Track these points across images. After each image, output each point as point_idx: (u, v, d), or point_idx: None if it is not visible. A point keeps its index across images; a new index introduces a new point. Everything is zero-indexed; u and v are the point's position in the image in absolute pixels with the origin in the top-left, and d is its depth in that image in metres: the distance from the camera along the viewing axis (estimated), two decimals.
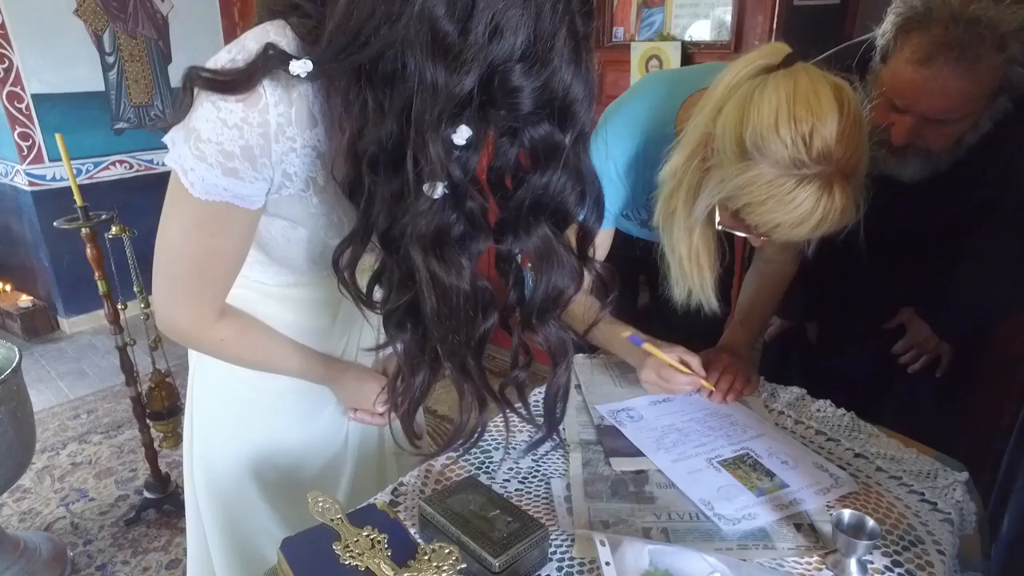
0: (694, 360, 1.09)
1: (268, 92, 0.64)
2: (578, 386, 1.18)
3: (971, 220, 1.30)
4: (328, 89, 0.66)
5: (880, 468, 0.96)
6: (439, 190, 0.59)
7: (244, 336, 0.84)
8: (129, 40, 3.44)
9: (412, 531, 0.80)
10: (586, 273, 0.72)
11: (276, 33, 0.66)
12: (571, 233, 0.70)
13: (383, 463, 1.12)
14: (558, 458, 0.98)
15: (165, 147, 0.69)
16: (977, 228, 1.31)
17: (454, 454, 0.97)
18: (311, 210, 0.75)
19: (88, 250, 1.77)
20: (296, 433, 0.99)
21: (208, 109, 0.64)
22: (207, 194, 0.67)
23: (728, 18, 1.98)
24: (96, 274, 1.78)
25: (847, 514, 0.78)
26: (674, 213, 0.94)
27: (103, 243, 1.81)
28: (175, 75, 3.61)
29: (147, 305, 1.82)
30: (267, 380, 0.92)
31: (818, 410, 1.11)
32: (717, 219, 0.92)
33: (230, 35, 3.73)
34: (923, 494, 0.90)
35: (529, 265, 0.69)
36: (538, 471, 0.96)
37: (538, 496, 0.90)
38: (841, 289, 1.45)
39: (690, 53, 2.02)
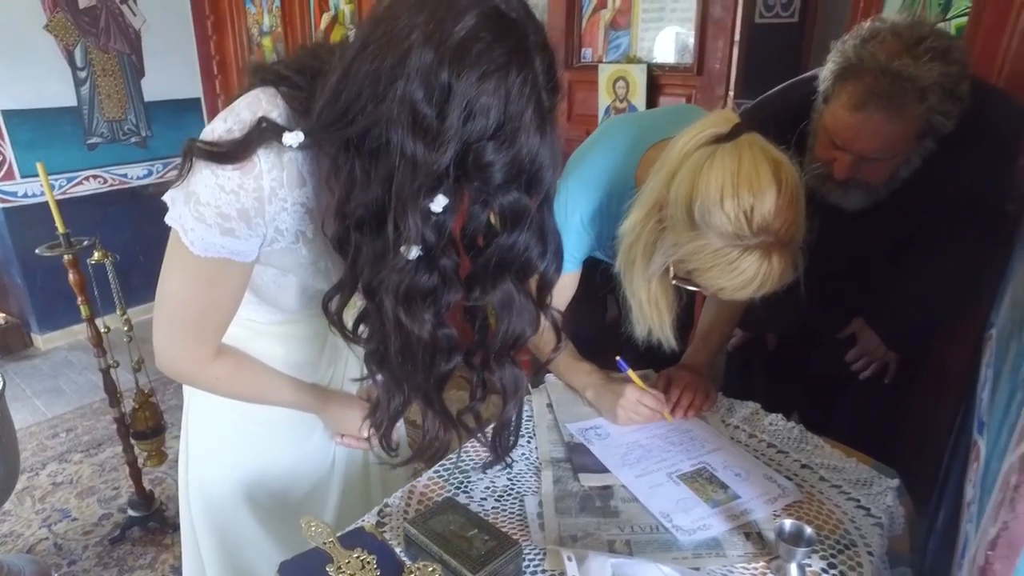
0: (661, 395, 1.19)
1: (262, 160, 0.71)
2: (550, 405, 1.26)
3: (910, 241, 1.41)
4: (317, 153, 0.73)
5: (823, 478, 1.06)
6: (414, 252, 0.67)
7: (239, 373, 0.91)
8: (101, 55, 3.44)
9: (398, 551, 0.88)
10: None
11: (268, 102, 0.73)
12: (532, 281, 0.78)
13: (368, 483, 1.19)
14: (531, 476, 1.06)
15: (138, 161, 0.76)
16: (916, 248, 1.43)
17: (436, 476, 1.05)
18: (300, 260, 0.82)
19: (71, 276, 1.80)
20: (287, 457, 1.06)
21: (207, 175, 0.71)
22: (206, 251, 0.73)
23: (691, 41, 2.07)
24: (79, 299, 1.82)
25: (788, 523, 0.87)
26: (633, 263, 1.02)
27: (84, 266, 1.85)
28: (148, 89, 3.62)
29: (130, 328, 1.86)
30: (259, 409, 0.99)
31: (770, 424, 1.21)
32: (671, 274, 1.01)
33: (204, 48, 3.75)
34: (859, 500, 1.00)
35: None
36: (513, 489, 1.03)
37: (513, 513, 0.98)
38: (797, 302, 1.56)
39: (655, 75, 2.12)
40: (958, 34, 1.68)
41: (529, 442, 1.16)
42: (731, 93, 3.55)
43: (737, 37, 2.27)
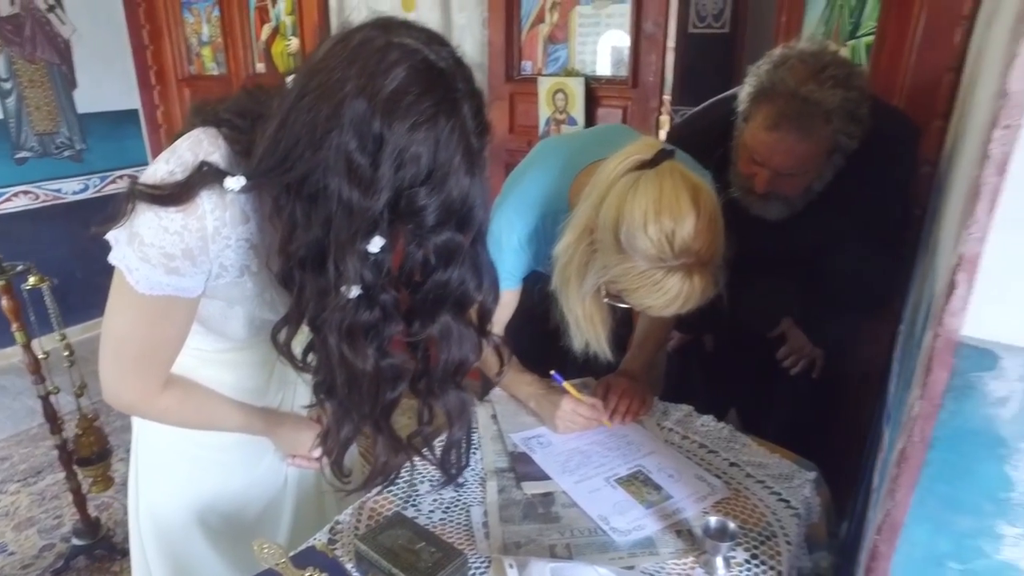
0: (598, 402, 1.25)
1: (205, 200, 0.74)
2: (494, 416, 1.31)
3: (828, 246, 1.52)
4: (260, 192, 0.76)
5: (749, 474, 1.14)
6: (354, 291, 0.71)
7: (187, 403, 0.93)
8: (27, 65, 3.33)
9: (350, 567, 0.91)
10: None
11: (210, 143, 0.76)
12: (474, 310, 0.83)
13: (322, 500, 1.22)
14: (477, 486, 1.11)
15: (73, 176, 0.78)
16: (833, 252, 1.53)
17: (385, 491, 1.08)
18: (246, 292, 0.85)
19: (3, 302, 1.76)
20: (239, 480, 1.08)
21: (150, 217, 0.73)
22: (151, 289, 0.76)
23: (626, 55, 2.15)
24: (13, 325, 1.77)
25: (713, 520, 0.95)
26: (568, 282, 1.08)
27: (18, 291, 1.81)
28: (82, 101, 3.51)
29: (71, 352, 1.83)
30: (210, 435, 1.01)
31: (702, 425, 1.28)
32: (603, 293, 1.07)
33: (140, 59, 3.66)
34: (780, 494, 1.09)
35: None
36: (459, 500, 1.08)
37: (459, 524, 1.03)
38: (732, 304, 1.66)
39: (592, 88, 2.19)
40: (867, 52, 1.81)
41: (475, 453, 1.21)
42: (666, 101, 3.66)
43: (672, 45, 2.37)
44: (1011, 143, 0.55)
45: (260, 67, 3.27)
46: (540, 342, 1.32)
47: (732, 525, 0.94)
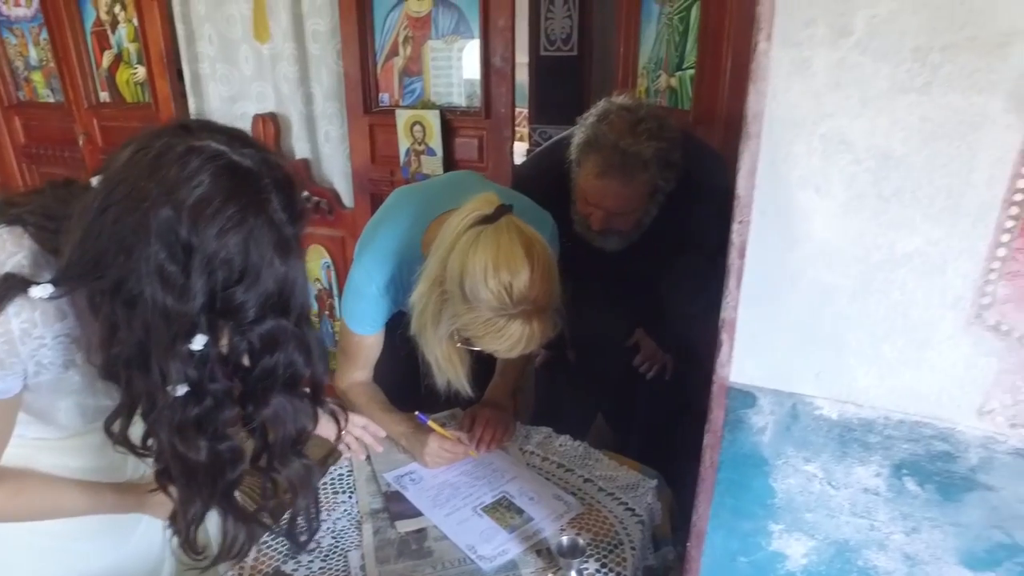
0: (463, 435, 1.35)
1: (9, 305, 0.73)
2: (368, 457, 1.37)
3: (662, 268, 1.71)
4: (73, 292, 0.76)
5: (601, 488, 1.28)
6: (181, 390, 0.74)
7: (19, 496, 0.90)
8: None
9: None
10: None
11: (13, 244, 0.75)
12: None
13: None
14: (353, 531, 1.17)
15: None
16: (671, 272, 1.73)
17: (263, 546, 1.12)
18: (73, 385, 0.85)
19: None
20: (109, 560, 1.05)
21: None
22: None
23: (478, 88, 2.26)
24: None
25: (565, 539, 1.07)
26: (425, 328, 1.17)
27: None
28: None
29: None
30: (63, 523, 0.97)
31: (560, 445, 1.41)
32: (456, 339, 1.16)
33: None
34: (627, 503, 1.23)
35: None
36: (337, 547, 1.14)
37: (338, 570, 1.09)
38: (590, 320, 1.83)
39: (448, 120, 2.28)
40: (692, 83, 2.02)
41: (350, 497, 1.26)
42: (526, 123, 3.82)
43: (526, 61, 2.49)
44: (746, 234, 0.69)
45: (104, 96, 3.08)
46: (406, 380, 1.39)
47: (581, 541, 1.06)
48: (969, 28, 0.56)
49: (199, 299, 0.70)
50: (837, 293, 0.68)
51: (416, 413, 1.36)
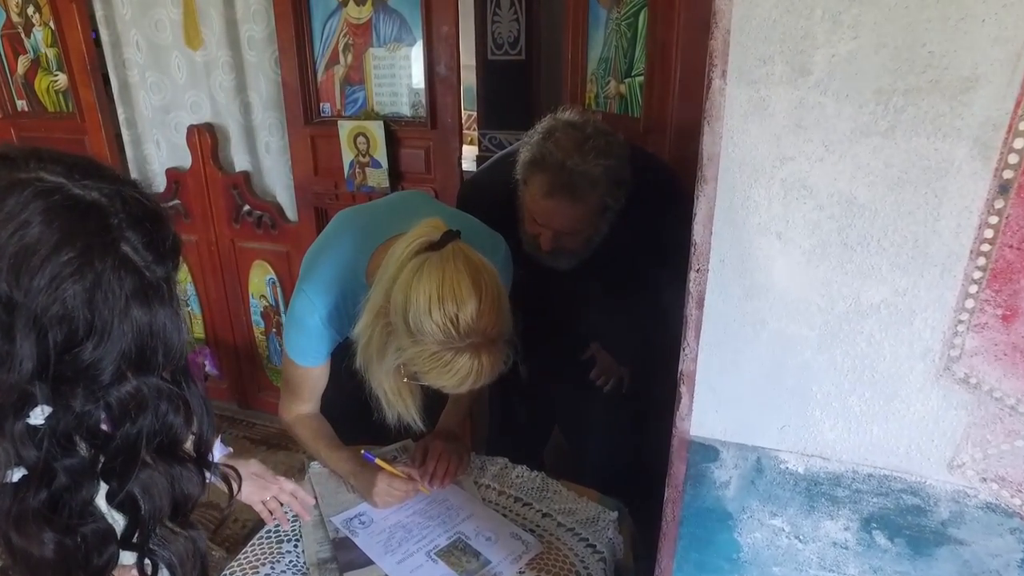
0: (414, 471, 1.27)
1: None
2: (315, 499, 1.29)
3: (615, 283, 1.68)
4: None
5: (560, 523, 1.22)
6: (16, 474, 0.61)
7: None
8: None
9: None
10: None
11: None
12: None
13: None
14: None
15: None
16: (623, 286, 1.69)
17: None
18: None
19: None
20: None
21: None
22: None
23: (423, 98, 2.18)
24: None
25: None
26: (371, 361, 1.09)
27: None
28: None
29: None
30: None
31: (517, 476, 1.36)
32: (402, 373, 1.09)
33: None
34: (588, 539, 1.18)
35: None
36: None
37: None
38: (544, 334, 1.78)
39: (393, 130, 2.19)
40: (641, 90, 1.99)
41: (295, 547, 1.19)
42: (475, 127, 3.74)
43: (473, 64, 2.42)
44: (704, 283, 0.65)
45: (22, 104, 2.89)
46: (354, 411, 1.32)
47: None
48: (931, 71, 0.52)
49: (27, 365, 0.57)
50: (801, 344, 0.64)
51: (362, 451, 1.28)
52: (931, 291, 0.58)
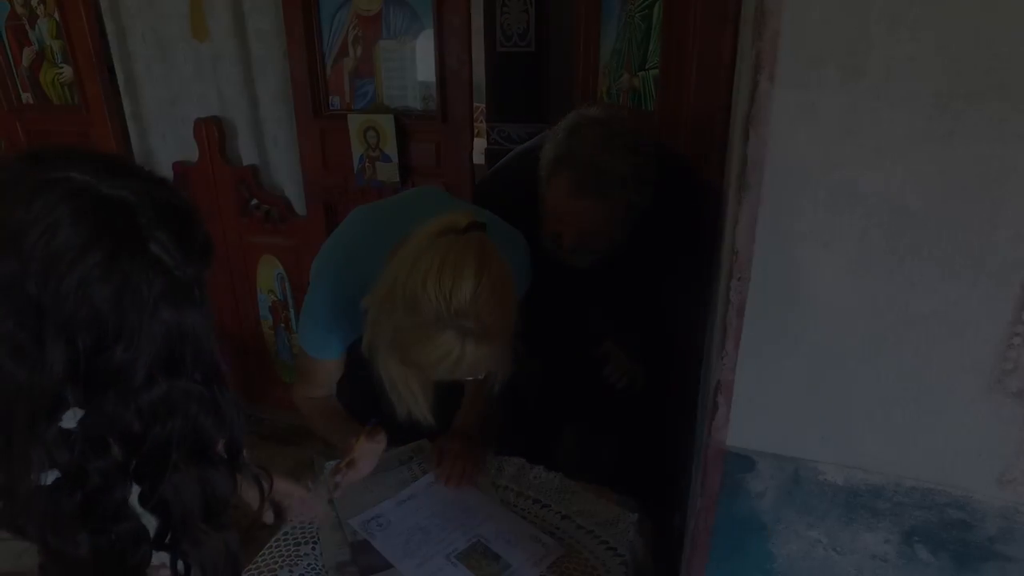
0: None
1: None
2: (331, 501, 1.28)
3: (634, 283, 1.66)
4: None
5: (579, 525, 1.21)
6: (50, 477, 0.61)
7: None
8: None
9: None
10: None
11: None
12: None
13: None
14: None
15: None
16: (641, 287, 1.68)
17: None
18: None
19: None
20: None
21: None
22: None
23: (434, 91, 2.15)
24: None
25: None
26: (376, 349, 1.05)
27: None
28: None
29: None
30: None
31: (535, 477, 1.34)
32: (398, 358, 1.03)
33: None
34: (608, 542, 1.17)
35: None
36: None
37: None
38: (558, 331, 1.77)
39: (403, 124, 2.17)
40: (655, 83, 1.96)
41: (314, 549, 1.18)
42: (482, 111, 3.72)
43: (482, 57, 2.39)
44: (744, 291, 0.63)
45: (27, 97, 2.86)
46: (364, 402, 1.30)
47: None
48: (996, 74, 0.50)
49: (57, 369, 0.56)
50: (844, 354, 0.62)
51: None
52: (985, 302, 0.56)
